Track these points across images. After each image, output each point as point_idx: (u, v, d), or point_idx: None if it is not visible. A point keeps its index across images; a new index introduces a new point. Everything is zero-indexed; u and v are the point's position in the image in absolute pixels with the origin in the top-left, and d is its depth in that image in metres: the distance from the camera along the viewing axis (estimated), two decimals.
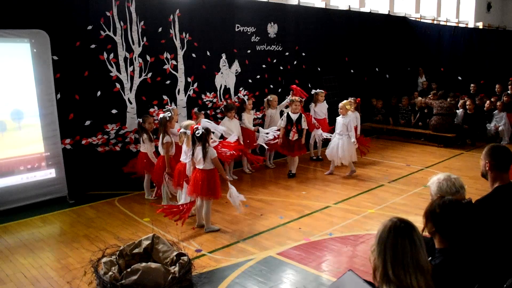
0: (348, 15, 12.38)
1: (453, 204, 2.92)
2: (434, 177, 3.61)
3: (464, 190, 3.52)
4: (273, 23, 10.14)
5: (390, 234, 2.35)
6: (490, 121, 11.94)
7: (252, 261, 5.26)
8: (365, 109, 12.44)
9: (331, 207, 7.09)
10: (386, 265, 2.30)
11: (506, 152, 3.74)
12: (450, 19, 17.25)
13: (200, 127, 6.02)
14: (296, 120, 8.52)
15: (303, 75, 10.94)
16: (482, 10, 19.19)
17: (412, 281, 2.26)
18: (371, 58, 12.95)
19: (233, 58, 9.46)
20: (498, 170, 3.69)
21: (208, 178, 5.98)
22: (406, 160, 9.97)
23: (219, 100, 9.24)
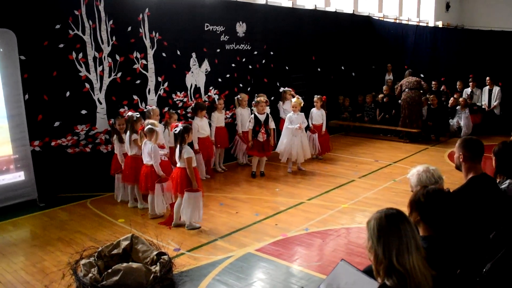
0: (314, 14, 12.54)
1: (436, 193, 3.04)
2: (414, 169, 3.72)
3: (443, 181, 3.66)
4: (241, 22, 10.18)
5: (390, 223, 2.43)
6: (453, 117, 12.34)
7: (231, 258, 5.29)
8: (332, 107, 12.66)
9: (305, 203, 7.19)
10: (391, 256, 2.37)
11: (478, 144, 3.91)
12: (411, 19, 17.69)
13: (180, 125, 6.03)
14: (264, 121, 8.50)
15: (272, 74, 11.02)
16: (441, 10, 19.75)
17: (414, 263, 2.35)
18: (337, 57, 13.15)
19: (203, 57, 9.45)
20: (471, 162, 3.85)
21: (183, 176, 5.99)
22: (374, 156, 10.19)
23: (189, 99, 9.22)
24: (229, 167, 9.32)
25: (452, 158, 6.30)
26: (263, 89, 10.33)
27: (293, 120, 8.95)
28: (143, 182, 6.57)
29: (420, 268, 2.39)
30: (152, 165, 6.47)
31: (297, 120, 8.91)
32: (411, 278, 2.35)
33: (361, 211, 6.77)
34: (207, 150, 8.48)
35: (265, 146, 8.55)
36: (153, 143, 6.44)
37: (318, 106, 9.77)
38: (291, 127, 8.90)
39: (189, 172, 6.03)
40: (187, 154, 6.00)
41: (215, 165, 9.11)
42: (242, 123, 9.23)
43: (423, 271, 2.40)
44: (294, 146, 8.83)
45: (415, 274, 2.36)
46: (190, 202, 6.04)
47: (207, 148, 8.49)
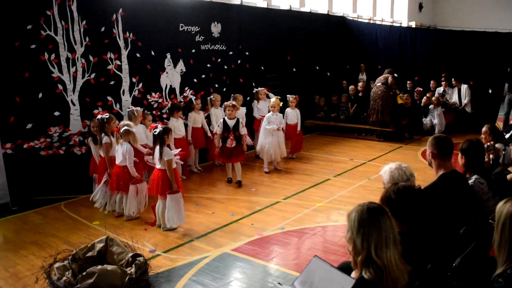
0: (289, 14, 12.62)
1: (406, 190, 3.11)
2: (386, 167, 3.80)
3: (414, 178, 3.74)
4: (216, 22, 10.18)
5: (371, 216, 2.50)
6: (426, 115, 12.55)
7: (207, 259, 5.30)
8: (308, 106, 12.76)
9: (281, 202, 7.23)
10: (369, 247, 2.43)
11: (448, 142, 4.01)
12: (385, 19, 17.94)
13: (159, 126, 6.02)
14: (233, 126, 8.06)
15: (247, 74, 11.05)
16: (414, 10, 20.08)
17: (391, 257, 2.42)
18: (312, 57, 13.26)
19: (177, 58, 9.42)
20: (442, 159, 3.95)
21: (163, 178, 5.98)
22: (349, 155, 10.30)
23: (164, 100, 9.18)
24: (205, 168, 9.31)
25: (425, 156, 6.42)
26: (238, 89, 10.36)
27: (272, 121, 8.99)
28: (114, 182, 6.53)
29: (397, 263, 2.45)
30: (124, 166, 6.44)
31: (275, 121, 8.99)
32: (387, 271, 2.41)
33: (336, 210, 6.84)
34: (184, 150, 8.45)
35: (234, 152, 8.09)
36: (129, 144, 6.41)
37: (293, 106, 9.84)
38: (268, 127, 8.94)
39: (169, 174, 6.01)
40: (168, 156, 5.99)
41: (190, 165, 9.09)
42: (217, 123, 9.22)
43: (400, 266, 2.46)
44: (271, 146, 8.90)
45: (391, 269, 2.42)
46: (173, 204, 6.02)
47: (184, 149, 8.46)
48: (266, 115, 9.30)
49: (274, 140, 8.94)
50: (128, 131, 6.39)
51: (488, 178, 4.24)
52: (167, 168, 5.98)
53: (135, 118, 7.60)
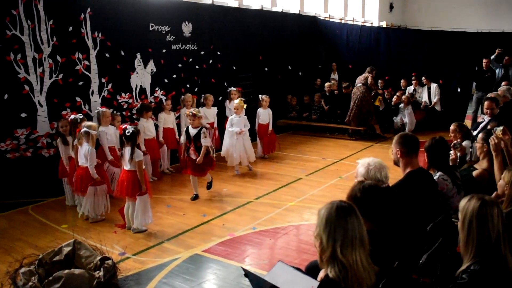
0: (261, 14, 12.61)
1: (372, 188, 3.14)
2: (366, 160, 3.82)
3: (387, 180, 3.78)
4: (187, 22, 10.11)
5: (338, 214, 2.50)
6: (397, 114, 12.71)
7: (178, 260, 5.26)
8: (280, 106, 12.78)
9: (252, 202, 7.23)
10: (335, 245, 2.43)
11: (414, 139, 4.07)
12: (356, 19, 18.10)
13: (130, 127, 5.95)
14: (195, 136, 7.23)
15: (219, 74, 11.01)
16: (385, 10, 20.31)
17: (357, 257, 2.43)
18: (284, 57, 13.28)
19: (148, 58, 9.32)
20: (408, 157, 4.00)
21: (133, 179, 5.90)
22: (321, 154, 10.36)
23: (135, 100, 9.07)
24: (176, 169, 9.23)
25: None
26: (210, 89, 10.32)
27: (234, 123, 8.78)
28: (78, 184, 6.44)
29: (364, 263, 2.46)
30: (87, 167, 6.35)
31: (238, 123, 8.76)
32: (352, 271, 2.41)
33: (308, 209, 6.87)
34: (153, 151, 8.40)
35: (199, 165, 7.28)
36: (90, 146, 6.32)
37: (265, 105, 9.83)
38: (231, 129, 8.75)
39: (139, 175, 5.95)
40: (138, 157, 5.93)
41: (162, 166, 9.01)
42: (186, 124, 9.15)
43: (366, 266, 2.47)
44: (236, 150, 8.68)
45: (357, 269, 2.43)
46: (142, 206, 5.98)
47: (153, 150, 8.41)
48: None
49: (238, 143, 8.70)
50: (87, 133, 6.30)
51: (453, 174, 4.31)
52: (137, 169, 5.92)
53: (103, 119, 7.48)
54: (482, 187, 4.60)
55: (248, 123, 8.93)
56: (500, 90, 9.02)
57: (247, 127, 8.87)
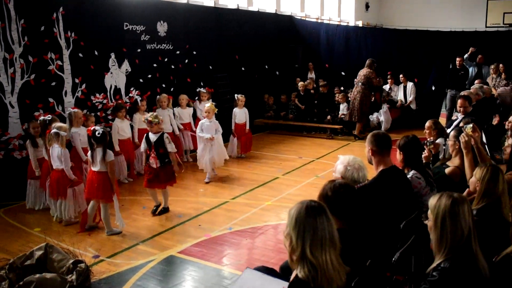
0: (237, 13, 12.58)
1: (343, 187, 3.14)
2: (346, 158, 3.82)
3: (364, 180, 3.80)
4: (162, 21, 10.03)
5: (308, 214, 2.48)
6: (373, 113, 12.81)
7: (153, 262, 5.20)
8: (257, 105, 12.78)
9: (229, 202, 7.20)
10: (304, 245, 2.42)
11: (385, 137, 4.10)
12: (332, 18, 18.19)
13: (99, 128, 5.86)
14: (156, 142, 6.61)
15: (195, 73, 10.95)
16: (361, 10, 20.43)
17: (327, 257, 2.41)
18: (261, 56, 13.28)
19: (122, 58, 9.21)
20: (381, 155, 4.02)
21: (103, 181, 5.82)
22: (298, 153, 10.37)
23: (109, 101, 8.95)
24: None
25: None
26: (186, 89, 10.24)
27: (205, 128, 8.26)
28: (54, 188, 6.31)
29: (334, 263, 2.45)
30: (62, 169, 6.24)
31: (209, 128, 8.24)
32: (322, 271, 2.40)
33: (285, 208, 6.86)
34: (128, 152, 8.31)
35: (160, 175, 6.61)
36: (61, 147, 6.21)
37: (241, 105, 9.81)
38: (201, 135, 8.25)
39: (111, 176, 5.88)
40: (110, 158, 5.87)
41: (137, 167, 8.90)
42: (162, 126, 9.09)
43: (336, 267, 2.46)
44: (207, 156, 8.21)
45: (327, 269, 2.41)
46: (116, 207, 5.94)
47: (128, 151, 8.31)
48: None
49: (209, 149, 8.19)
50: (57, 134, 6.18)
51: (426, 172, 4.34)
52: (109, 170, 5.84)
53: (75, 120, 7.34)
54: (454, 184, 4.66)
55: (220, 128, 8.41)
56: (473, 88, 9.16)
57: (219, 132, 8.35)
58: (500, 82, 11.35)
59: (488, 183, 3.55)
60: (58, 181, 6.27)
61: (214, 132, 8.26)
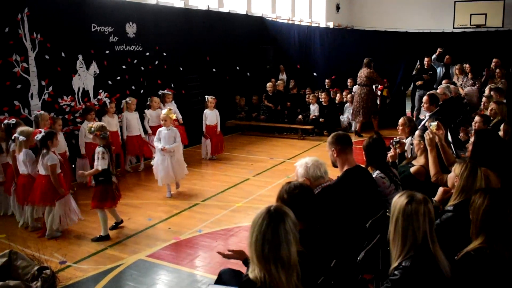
0: (208, 15, 12.53)
1: (298, 188, 3.14)
2: (303, 160, 3.84)
3: (327, 175, 3.80)
4: (131, 22, 9.92)
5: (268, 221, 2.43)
6: (343, 113, 12.94)
7: (121, 267, 5.14)
8: (229, 106, 12.76)
9: (199, 204, 7.16)
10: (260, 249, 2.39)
11: (346, 136, 4.18)
12: (303, 19, 18.29)
13: (43, 131, 5.78)
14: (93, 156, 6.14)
15: (165, 75, 10.86)
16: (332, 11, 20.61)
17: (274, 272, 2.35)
18: (232, 57, 13.26)
19: (90, 59, 9.07)
20: (344, 153, 4.08)
21: (46, 184, 5.79)
22: (269, 154, 10.39)
23: (77, 103, 8.81)
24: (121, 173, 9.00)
25: None
26: (157, 91, 10.12)
27: (162, 137, 7.39)
28: (20, 193, 6.17)
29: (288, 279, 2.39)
30: (28, 174, 6.13)
31: (166, 137, 7.35)
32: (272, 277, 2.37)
33: (255, 209, 6.85)
34: None
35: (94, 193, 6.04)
36: (18, 152, 6.09)
37: (212, 106, 9.78)
38: (156, 144, 7.45)
39: (53, 180, 5.79)
40: (51, 161, 5.78)
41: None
42: (128, 128, 9.06)
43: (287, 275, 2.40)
44: (162, 168, 7.34)
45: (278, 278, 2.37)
46: (61, 209, 5.87)
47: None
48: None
49: (166, 160, 7.33)
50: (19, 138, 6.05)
51: (390, 172, 4.40)
52: (51, 173, 5.76)
53: (42, 123, 7.19)
54: (420, 183, 4.73)
55: (178, 137, 7.52)
56: (440, 88, 9.33)
57: (177, 142, 7.44)
58: (467, 82, 11.56)
59: (467, 180, 3.53)
60: (24, 187, 6.13)
61: (173, 141, 7.38)
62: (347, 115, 12.87)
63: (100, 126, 6.04)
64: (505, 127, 5.17)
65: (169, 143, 7.31)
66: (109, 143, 6.05)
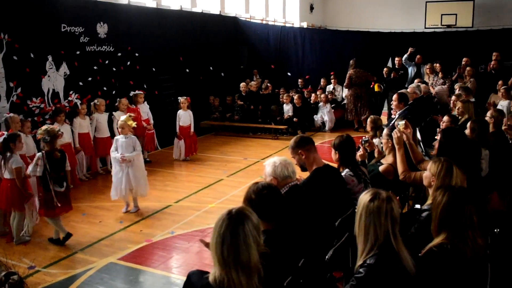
0: (180, 15, 12.46)
1: (266, 188, 3.14)
2: (271, 159, 3.85)
3: (295, 175, 3.82)
4: (102, 22, 9.80)
5: (227, 225, 2.43)
6: (317, 112, 13.02)
7: (91, 270, 5.08)
8: (203, 107, 12.72)
9: (172, 206, 7.12)
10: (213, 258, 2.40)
11: (308, 137, 4.27)
12: (277, 19, 18.32)
13: (6, 133, 5.67)
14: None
15: (138, 76, 10.76)
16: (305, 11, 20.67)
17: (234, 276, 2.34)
18: (205, 57, 13.21)
19: (60, 60, 8.93)
20: (311, 153, 4.11)
21: (12, 188, 5.69)
22: (243, 154, 10.39)
23: (47, 105, 8.66)
24: (93, 175, 8.90)
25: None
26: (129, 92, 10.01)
27: (120, 146, 6.65)
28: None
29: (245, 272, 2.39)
30: None
31: (124, 146, 6.64)
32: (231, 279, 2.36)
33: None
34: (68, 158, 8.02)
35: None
36: None
37: (185, 107, 9.74)
38: (114, 155, 6.68)
39: (18, 183, 5.69)
40: (16, 164, 5.68)
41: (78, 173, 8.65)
42: (98, 129, 8.95)
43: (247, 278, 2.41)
44: (119, 180, 6.70)
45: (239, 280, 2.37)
46: (29, 213, 5.80)
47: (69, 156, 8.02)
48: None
49: (124, 172, 6.66)
50: None
51: (359, 170, 4.45)
52: (16, 176, 5.67)
53: (13, 125, 7.05)
54: (388, 182, 4.79)
55: (138, 146, 6.82)
56: (410, 87, 9.46)
57: (137, 150, 6.77)
58: (437, 81, 11.74)
59: (444, 179, 3.56)
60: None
61: (132, 151, 6.66)
62: (320, 115, 12.96)
63: (44, 130, 5.73)
64: (471, 125, 5.26)
65: (128, 151, 6.65)
66: (53, 149, 5.73)
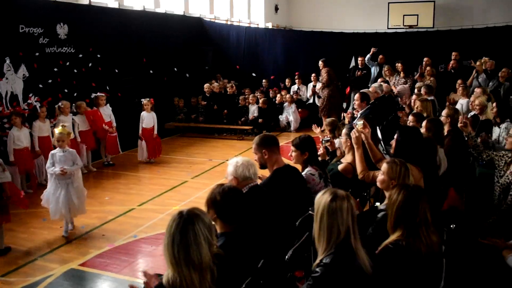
0: (143, 15, 12.33)
1: (231, 191, 3.16)
2: (235, 159, 3.86)
3: (256, 177, 3.84)
4: (62, 23, 9.60)
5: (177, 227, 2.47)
6: (282, 113, 13.09)
7: (51, 277, 4.98)
8: (167, 108, 12.63)
9: (135, 209, 7.05)
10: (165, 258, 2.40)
11: (272, 136, 4.27)
12: (242, 20, 18.33)
13: None
14: None
15: (100, 77, 10.58)
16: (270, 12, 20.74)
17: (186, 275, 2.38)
18: (169, 59, 13.11)
19: (19, 62, 8.71)
20: (274, 154, 4.14)
21: None
22: (208, 155, 10.36)
23: (5, 108, 8.43)
24: None
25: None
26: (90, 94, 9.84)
27: (57, 160, 5.99)
28: None
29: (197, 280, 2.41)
30: None
31: (63, 161, 5.98)
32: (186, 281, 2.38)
33: None
34: (25, 162, 7.83)
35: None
36: None
37: (148, 109, 9.66)
38: (51, 171, 6.01)
39: None
40: None
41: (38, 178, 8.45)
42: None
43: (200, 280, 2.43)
44: (56, 198, 6.02)
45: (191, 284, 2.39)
46: None
47: (25, 161, 7.83)
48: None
49: (63, 189, 6.01)
50: None
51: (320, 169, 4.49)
52: None
53: None
54: (348, 181, 4.85)
55: (79, 160, 6.28)
56: (372, 87, 9.62)
57: (79, 164, 6.28)
58: (399, 81, 11.96)
59: (404, 179, 3.59)
60: None
61: (72, 165, 6.04)
62: (285, 115, 13.03)
63: None
64: (427, 124, 5.37)
65: (67, 164, 5.99)
66: None
